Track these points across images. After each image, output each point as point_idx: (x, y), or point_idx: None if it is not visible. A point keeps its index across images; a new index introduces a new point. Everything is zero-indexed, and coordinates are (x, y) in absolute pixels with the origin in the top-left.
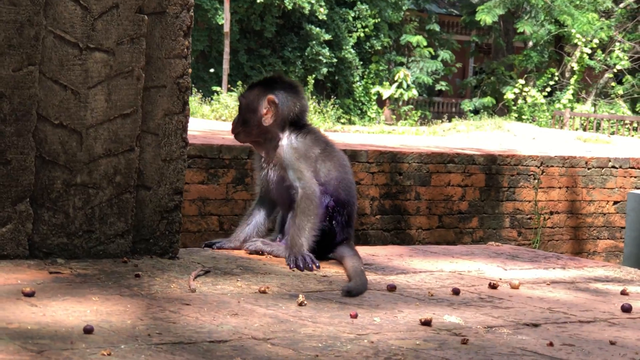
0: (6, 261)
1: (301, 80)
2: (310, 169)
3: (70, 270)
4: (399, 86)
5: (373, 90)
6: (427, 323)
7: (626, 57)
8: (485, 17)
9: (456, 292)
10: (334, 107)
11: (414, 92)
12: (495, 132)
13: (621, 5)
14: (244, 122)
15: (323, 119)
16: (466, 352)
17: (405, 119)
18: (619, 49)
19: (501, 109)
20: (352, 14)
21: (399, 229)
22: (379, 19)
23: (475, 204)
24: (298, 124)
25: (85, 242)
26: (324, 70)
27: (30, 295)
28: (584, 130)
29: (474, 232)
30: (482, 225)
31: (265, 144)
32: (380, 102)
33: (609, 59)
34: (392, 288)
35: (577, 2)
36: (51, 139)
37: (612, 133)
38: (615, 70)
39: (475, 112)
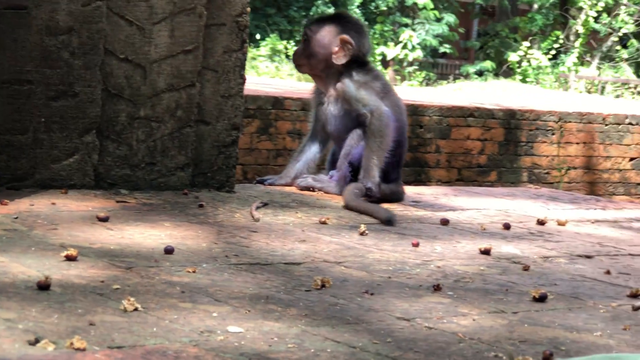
0: (73, 190)
1: None
2: (374, 95)
3: (136, 200)
4: (404, 47)
5: (378, 51)
6: (486, 252)
7: (631, 21)
8: None
9: (507, 226)
10: None
11: (418, 54)
12: (501, 94)
13: None
14: (310, 56)
15: None
16: (529, 277)
17: (410, 80)
18: (625, 13)
19: (505, 71)
20: None
21: (419, 181)
22: None
23: (494, 157)
24: (360, 62)
25: (148, 174)
26: None
27: (104, 220)
28: (589, 93)
29: (492, 185)
30: (500, 179)
31: (328, 78)
32: (385, 63)
33: (614, 22)
34: (445, 222)
35: None
36: (117, 72)
37: (617, 96)
38: (620, 34)
39: (479, 74)
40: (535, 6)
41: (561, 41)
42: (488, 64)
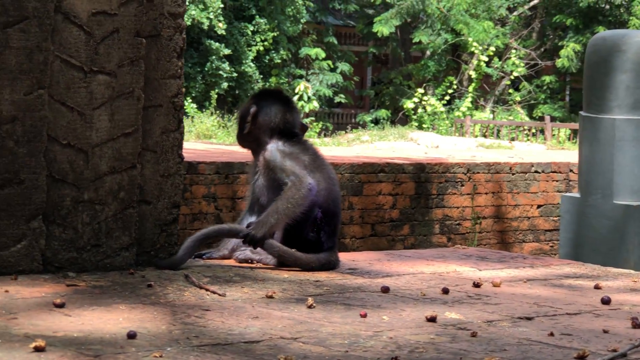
0: (22, 276)
1: (202, 96)
2: (300, 166)
3: (85, 282)
4: (300, 99)
5: None
6: (432, 319)
7: (522, 64)
8: (382, 28)
9: (446, 291)
10: (237, 121)
11: (314, 105)
12: (399, 142)
13: (515, 13)
14: (240, 130)
15: (227, 134)
16: (479, 343)
17: (307, 132)
18: (515, 56)
19: (401, 118)
20: (251, 28)
21: None
22: (278, 32)
23: (406, 211)
24: (287, 135)
25: (93, 256)
26: (225, 84)
27: (61, 306)
28: (484, 136)
29: (406, 239)
30: (413, 233)
31: (258, 150)
32: None
33: (505, 66)
34: (386, 289)
35: (473, 11)
36: (60, 158)
37: (512, 139)
38: (512, 77)
39: (375, 122)
40: (428, 53)
41: (455, 86)
42: (384, 112)
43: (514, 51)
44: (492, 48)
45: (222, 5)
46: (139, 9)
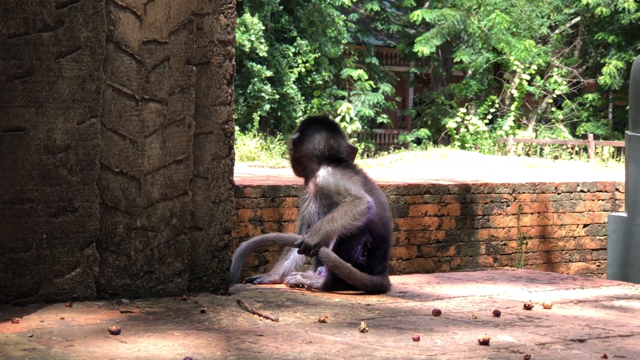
0: (77, 303)
1: (245, 118)
2: (357, 186)
3: (139, 309)
4: (342, 120)
5: None
6: (485, 342)
7: (564, 82)
8: (423, 48)
9: (497, 313)
10: (279, 143)
11: (357, 125)
12: (442, 162)
13: (557, 31)
14: (290, 158)
15: (270, 156)
16: None
17: None
18: (557, 74)
19: (443, 138)
20: (293, 50)
21: None
22: (319, 54)
23: (451, 232)
24: (334, 160)
25: (147, 282)
26: (267, 106)
27: (116, 333)
28: (527, 155)
29: (452, 260)
30: (459, 254)
31: (308, 177)
32: None
33: (547, 84)
34: (437, 313)
35: (514, 30)
36: (113, 186)
37: (555, 157)
38: (554, 96)
39: (417, 142)
40: (469, 72)
41: (497, 105)
42: (425, 132)
43: (556, 69)
44: (534, 66)
45: (263, 28)
46: (189, 37)
